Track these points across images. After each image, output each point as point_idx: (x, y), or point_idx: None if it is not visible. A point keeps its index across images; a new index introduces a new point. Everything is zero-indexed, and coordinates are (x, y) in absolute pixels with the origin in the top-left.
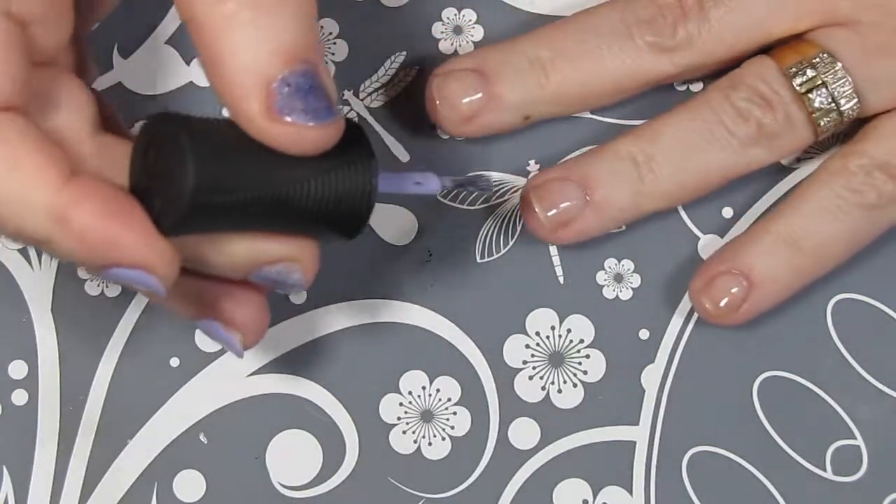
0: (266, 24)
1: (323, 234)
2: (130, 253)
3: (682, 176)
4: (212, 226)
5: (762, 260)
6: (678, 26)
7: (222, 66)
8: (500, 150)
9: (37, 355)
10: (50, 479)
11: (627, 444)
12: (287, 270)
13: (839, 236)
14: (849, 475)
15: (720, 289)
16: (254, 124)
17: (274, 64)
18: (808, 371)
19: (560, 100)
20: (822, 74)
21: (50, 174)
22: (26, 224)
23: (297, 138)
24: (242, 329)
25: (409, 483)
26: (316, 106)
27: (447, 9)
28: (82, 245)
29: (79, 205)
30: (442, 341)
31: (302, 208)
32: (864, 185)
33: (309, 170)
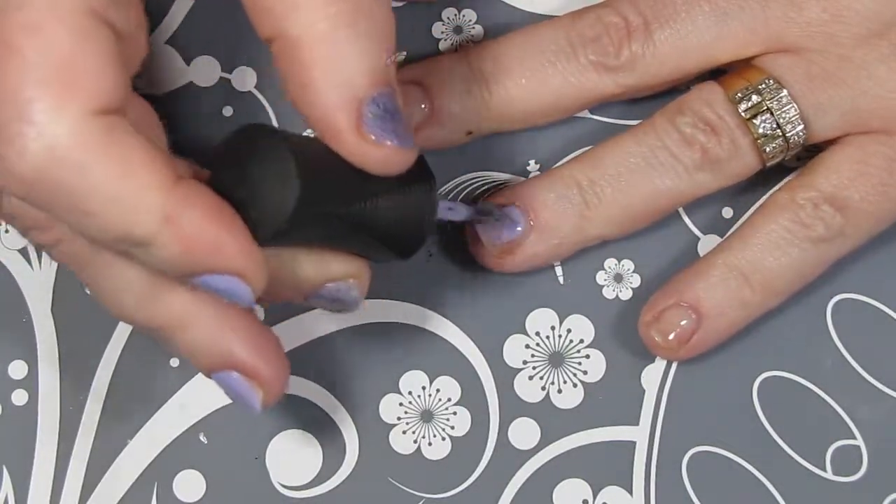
0: (360, 44)
1: (382, 253)
2: (231, 259)
3: (626, 200)
4: (300, 239)
5: (711, 293)
6: (623, 46)
7: (314, 84)
8: (501, 150)
9: (37, 355)
10: (50, 479)
11: (627, 444)
12: (347, 288)
13: (787, 270)
14: (849, 475)
15: (669, 322)
16: (345, 142)
17: (366, 84)
18: (808, 371)
19: (502, 115)
20: (766, 100)
21: (161, 176)
22: (135, 225)
23: (384, 159)
24: (265, 385)
25: (409, 483)
26: (401, 129)
27: (447, 9)
28: (187, 248)
29: (187, 207)
30: (442, 341)
31: (373, 226)
32: (812, 218)
33: (382, 188)
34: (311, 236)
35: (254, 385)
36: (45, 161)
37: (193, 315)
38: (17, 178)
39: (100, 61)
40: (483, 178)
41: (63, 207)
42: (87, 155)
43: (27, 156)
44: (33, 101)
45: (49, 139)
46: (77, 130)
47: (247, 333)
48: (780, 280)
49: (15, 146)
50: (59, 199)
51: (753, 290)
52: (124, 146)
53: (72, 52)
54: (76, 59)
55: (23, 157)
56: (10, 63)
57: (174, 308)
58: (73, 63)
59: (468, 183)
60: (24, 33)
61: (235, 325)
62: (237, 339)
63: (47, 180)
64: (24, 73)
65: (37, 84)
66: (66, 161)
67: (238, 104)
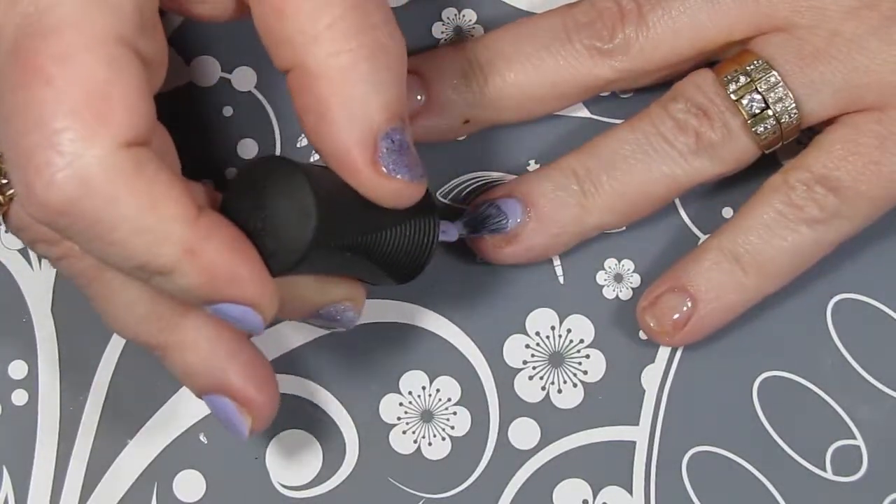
0: (378, 78)
1: (382, 279)
2: (246, 290)
3: (623, 188)
4: (311, 270)
5: (705, 277)
6: (616, 30)
7: (332, 117)
8: (501, 150)
9: (37, 355)
10: (50, 479)
11: (627, 444)
12: (345, 309)
13: (780, 252)
14: (849, 475)
15: (664, 306)
16: (359, 175)
17: (382, 119)
18: (808, 371)
19: (497, 102)
20: (755, 80)
21: (186, 208)
22: (157, 256)
23: (397, 193)
24: (255, 412)
25: (409, 483)
26: (412, 163)
27: (447, 9)
28: (205, 278)
29: (208, 239)
30: (442, 341)
31: (379, 256)
32: (805, 199)
33: (391, 219)
34: (321, 267)
35: (243, 412)
36: (74, 191)
37: (192, 338)
38: (43, 206)
39: (130, 91)
40: (483, 178)
41: (87, 236)
42: (117, 187)
43: (56, 186)
44: (64, 130)
45: (79, 170)
46: (107, 162)
47: (242, 360)
48: (773, 263)
49: (43, 176)
50: (84, 229)
51: (746, 273)
52: (151, 179)
53: (103, 82)
54: (107, 90)
55: (51, 187)
56: (40, 91)
57: (172, 330)
58: (104, 93)
59: (468, 183)
60: (54, 61)
61: (232, 350)
62: (232, 365)
63: (74, 211)
64: (55, 102)
65: (67, 114)
66: (96, 193)
67: (238, 104)
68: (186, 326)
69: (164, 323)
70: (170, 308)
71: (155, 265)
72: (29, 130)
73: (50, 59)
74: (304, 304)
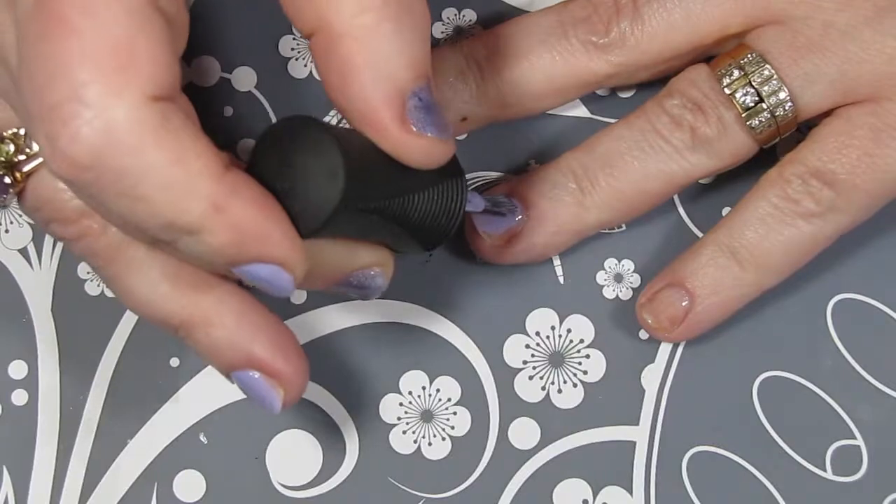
0: (403, 38)
1: (409, 244)
2: (276, 248)
3: (620, 185)
4: (338, 232)
5: (702, 272)
6: (611, 24)
7: (357, 76)
8: (500, 150)
9: (37, 355)
10: (50, 479)
11: (627, 444)
12: (374, 275)
13: (777, 246)
14: (849, 475)
15: (661, 302)
16: (387, 134)
17: (408, 77)
18: (808, 371)
19: (495, 98)
20: (748, 74)
21: (213, 163)
22: (184, 212)
23: (426, 151)
24: (286, 384)
25: (409, 483)
26: (440, 122)
27: (447, 9)
28: (234, 236)
29: (236, 195)
30: (442, 341)
31: (407, 220)
32: (800, 193)
33: (418, 182)
34: (348, 230)
35: (275, 384)
36: (101, 144)
37: (216, 313)
38: (68, 160)
39: (155, 46)
40: (483, 178)
41: (113, 192)
42: (144, 140)
43: (82, 138)
44: (90, 83)
45: (106, 122)
46: (134, 115)
47: (268, 332)
48: (771, 257)
49: (69, 128)
50: (110, 184)
51: (743, 268)
52: (178, 133)
53: (128, 36)
54: (133, 43)
55: (77, 140)
56: (66, 42)
57: (197, 306)
58: (130, 46)
59: (468, 183)
60: (79, 13)
61: (257, 323)
62: (259, 338)
63: (101, 165)
64: (80, 53)
65: (93, 66)
66: (123, 145)
67: (238, 104)
68: (211, 302)
69: (188, 299)
70: (193, 284)
71: (182, 222)
72: (53, 83)
73: (76, 10)
74: (332, 270)
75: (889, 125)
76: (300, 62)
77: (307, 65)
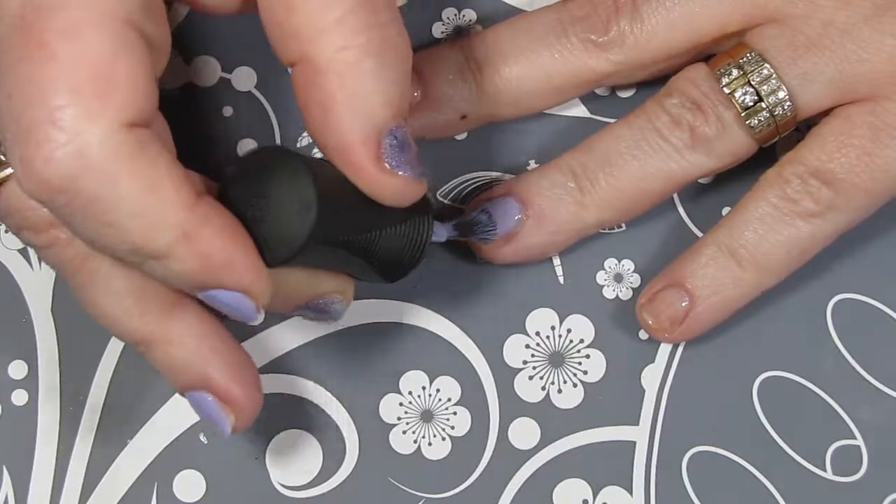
0: (384, 76)
1: (372, 277)
2: (241, 277)
3: (619, 184)
4: (305, 263)
5: (702, 273)
6: (611, 22)
7: (335, 112)
8: (500, 149)
9: (37, 355)
10: (50, 479)
11: (627, 444)
12: (334, 301)
13: (777, 246)
14: (849, 475)
15: (661, 303)
16: (362, 172)
17: (386, 116)
18: (808, 371)
19: (494, 96)
20: (747, 73)
21: (184, 192)
22: (153, 239)
23: (399, 190)
24: (238, 410)
25: (409, 483)
26: (414, 160)
27: (447, 9)
28: (200, 264)
29: (205, 224)
30: (442, 341)
31: (372, 253)
32: (800, 192)
33: (387, 218)
34: (314, 261)
35: (226, 409)
36: (73, 169)
37: (177, 332)
38: (41, 182)
39: (134, 71)
40: (483, 178)
41: (83, 216)
42: (117, 167)
43: (55, 162)
44: (66, 107)
45: (80, 147)
46: (108, 141)
47: (225, 357)
48: (770, 257)
49: (42, 151)
50: (81, 208)
51: (743, 268)
52: (152, 161)
53: (108, 60)
54: (112, 69)
55: (50, 163)
56: (43, 66)
57: (158, 323)
58: (108, 72)
59: (468, 183)
60: (60, 36)
61: (216, 346)
62: (215, 361)
63: (72, 189)
64: (57, 77)
65: (70, 90)
66: (95, 171)
67: (238, 104)
68: (173, 321)
69: (151, 316)
70: (157, 301)
71: (150, 249)
72: (31, 105)
73: (55, 33)
74: (294, 296)
75: (888, 124)
76: None
77: None
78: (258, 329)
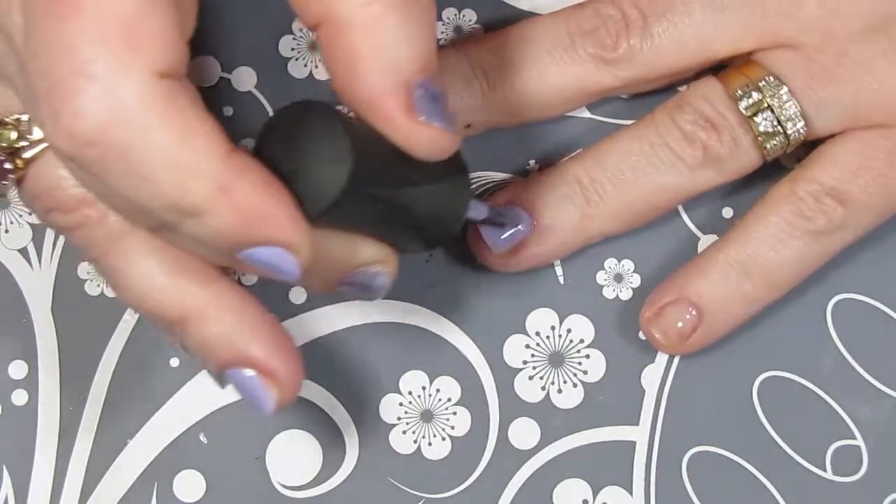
0: (409, 28)
1: (413, 241)
2: (282, 231)
3: (628, 198)
4: (344, 219)
5: (711, 289)
6: (620, 39)
7: (363, 66)
8: (500, 149)
9: (37, 355)
10: (50, 479)
11: (627, 444)
12: (376, 273)
13: (788, 264)
14: (849, 475)
15: (670, 319)
16: (393, 123)
17: (414, 68)
18: (808, 371)
19: (500, 108)
20: (767, 98)
21: (219, 144)
22: (188, 192)
23: (432, 141)
24: (281, 384)
25: (409, 483)
26: (446, 112)
27: (447, 9)
28: (239, 218)
29: (242, 177)
30: (442, 341)
31: (412, 213)
32: (814, 211)
33: (424, 176)
34: (354, 218)
35: (269, 385)
36: (106, 120)
37: (213, 308)
38: (71, 136)
39: (163, 24)
40: (483, 178)
41: (116, 171)
42: (149, 116)
43: (87, 113)
44: (96, 59)
45: (113, 98)
46: (141, 91)
47: (264, 331)
48: (780, 274)
49: (74, 103)
50: (114, 162)
51: (755, 286)
52: (184, 111)
53: (135, 13)
54: (140, 19)
55: (81, 115)
56: (70, 19)
57: (194, 300)
58: (136, 22)
59: (473, 188)
60: None
61: (254, 321)
62: (255, 335)
63: (105, 141)
64: (86, 29)
65: (99, 42)
66: (128, 121)
67: (238, 104)
68: (208, 297)
69: (185, 293)
70: (191, 278)
71: (187, 203)
72: (59, 60)
73: None
74: (336, 266)
75: None
76: (300, 62)
77: (307, 65)
78: None
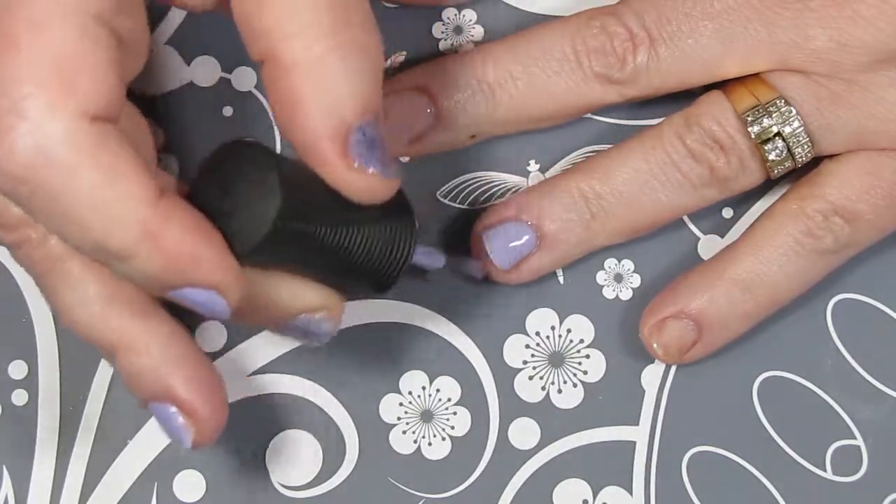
0: (351, 72)
1: (356, 285)
2: (209, 273)
3: (633, 215)
4: (277, 258)
5: (714, 306)
6: (627, 59)
7: (303, 108)
8: (500, 150)
9: (37, 355)
10: (50, 479)
11: (627, 444)
12: (320, 320)
13: (792, 281)
14: (849, 475)
15: (670, 332)
16: (330, 167)
17: (354, 112)
18: (808, 371)
19: (506, 120)
20: (777, 124)
21: (146, 188)
22: (114, 236)
23: (367, 186)
24: (199, 424)
25: (409, 483)
26: (384, 157)
27: (447, 9)
28: (166, 261)
29: (169, 221)
30: (442, 341)
31: (350, 254)
32: (823, 230)
33: (363, 218)
34: (289, 257)
35: (187, 422)
36: (34, 158)
37: (143, 340)
38: (3, 172)
39: (100, 66)
40: (483, 178)
41: (45, 209)
42: (77, 158)
43: (17, 151)
44: (29, 97)
45: (41, 137)
46: (70, 132)
47: (190, 368)
48: (784, 292)
49: (5, 140)
50: (43, 201)
51: (757, 304)
52: (113, 155)
53: (73, 53)
54: (77, 61)
55: (12, 152)
56: (9, 57)
57: (125, 330)
58: (73, 64)
59: (468, 183)
60: (27, 29)
61: (181, 357)
62: (180, 372)
63: (34, 179)
64: (22, 68)
65: (35, 81)
66: (55, 162)
67: (238, 104)
68: (139, 329)
69: (118, 323)
70: (126, 308)
71: (113, 246)
72: None
73: (23, 24)
74: (276, 309)
75: None
76: None
77: None
78: (259, 328)
